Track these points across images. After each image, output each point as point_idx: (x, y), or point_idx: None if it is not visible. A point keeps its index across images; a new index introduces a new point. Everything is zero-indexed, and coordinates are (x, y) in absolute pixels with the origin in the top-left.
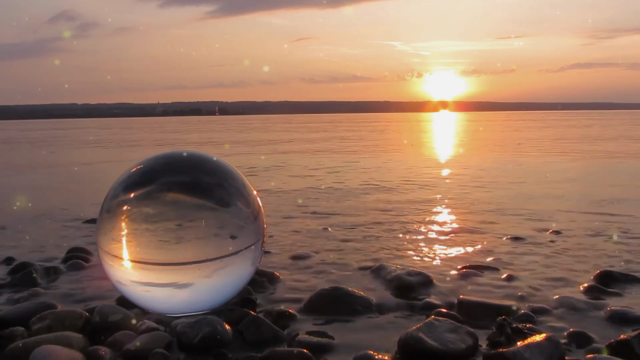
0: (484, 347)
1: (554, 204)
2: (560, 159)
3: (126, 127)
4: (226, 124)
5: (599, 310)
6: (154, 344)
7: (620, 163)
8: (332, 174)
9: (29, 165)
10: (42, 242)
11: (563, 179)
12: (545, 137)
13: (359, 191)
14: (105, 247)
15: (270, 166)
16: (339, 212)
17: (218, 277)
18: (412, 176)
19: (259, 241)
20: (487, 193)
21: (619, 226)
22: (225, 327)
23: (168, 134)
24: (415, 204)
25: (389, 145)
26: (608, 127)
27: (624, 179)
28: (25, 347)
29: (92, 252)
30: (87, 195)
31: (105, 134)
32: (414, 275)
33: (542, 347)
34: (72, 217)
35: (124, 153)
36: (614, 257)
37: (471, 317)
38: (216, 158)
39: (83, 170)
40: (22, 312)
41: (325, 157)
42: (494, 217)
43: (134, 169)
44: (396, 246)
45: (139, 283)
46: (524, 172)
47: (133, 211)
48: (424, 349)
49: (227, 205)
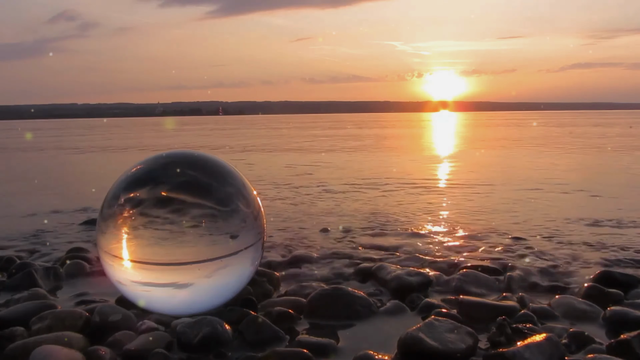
0: (484, 347)
1: (555, 204)
2: (570, 159)
3: (125, 128)
4: (239, 125)
5: (599, 310)
6: (154, 344)
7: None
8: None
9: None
10: (42, 242)
11: (566, 178)
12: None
13: (354, 190)
14: (105, 247)
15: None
16: (339, 212)
17: (218, 277)
18: (409, 175)
19: (259, 241)
20: (488, 192)
21: (619, 226)
22: (225, 327)
23: (183, 137)
24: (415, 203)
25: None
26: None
27: (623, 178)
28: (25, 347)
29: (92, 252)
30: (87, 195)
31: (99, 139)
32: (414, 275)
33: (542, 347)
34: (72, 217)
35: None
36: (614, 257)
37: (471, 317)
38: (216, 158)
39: (83, 170)
40: (22, 312)
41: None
42: (494, 217)
43: (134, 168)
44: (396, 246)
45: (139, 283)
46: (525, 171)
47: (133, 211)
48: (424, 349)
49: (227, 205)
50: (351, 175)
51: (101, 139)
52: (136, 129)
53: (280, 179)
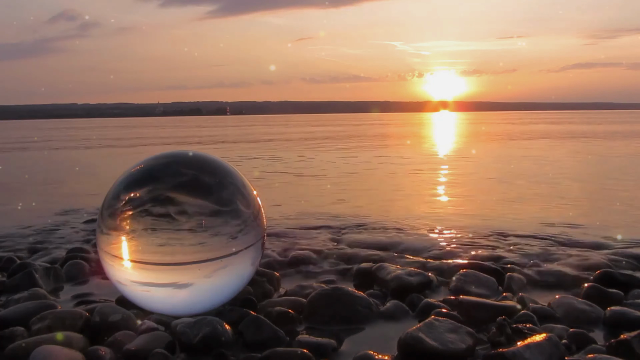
0: (484, 347)
1: (554, 204)
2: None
3: (126, 126)
4: (250, 124)
5: (599, 310)
6: (154, 344)
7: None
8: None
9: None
10: (42, 242)
11: (565, 177)
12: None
13: (352, 190)
14: (105, 247)
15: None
16: (338, 212)
17: (218, 277)
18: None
19: (259, 241)
20: (490, 191)
21: (620, 226)
22: (225, 327)
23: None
24: (415, 203)
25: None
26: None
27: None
28: (25, 347)
29: (92, 252)
30: (87, 195)
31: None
32: (414, 275)
33: (542, 347)
34: (72, 217)
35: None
36: (614, 257)
37: (471, 317)
38: (216, 158)
39: (83, 170)
40: (22, 312)
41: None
42: (494, 217)
43: (134, 168)
44: (396, 246)
45: (139, 283)
46: (525, 170)
47: (133, 211)
48: (424, 349)
49: (227, 205)
50: (353, 175)
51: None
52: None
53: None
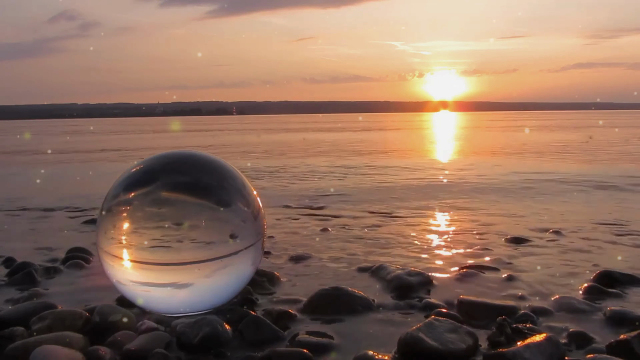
0: (484, 347)
1: (555, 204)
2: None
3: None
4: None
5: (599, 310)
6: (154, 344)
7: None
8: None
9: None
10: (42, 242)
11: (565, 177)
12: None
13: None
14: (105, 247)
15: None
16: (338, 212)
17: (218, 277)
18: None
19: (259, 241)
20: (488, 192)
21: (620, 225)
22: (225, 327)
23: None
24: (415, 203)
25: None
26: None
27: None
28: (25, 347)
29: (92, 252)
30: (87, 195)
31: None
32: (414, 275)
33: (542, 347)
34: (72, 217)
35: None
36: (614, 257)
37: (471, 317)
38: (216, 158)
39: (82, 170)
40: (22, 312)
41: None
42: (494, 217)
43: (134, 168)
44: (396, 246)
45: (139, 283)
46: (525, 172)
47: (133, 211)
48: (424, 349)
49: (227, 205)
50: (355, 174)
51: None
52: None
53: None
